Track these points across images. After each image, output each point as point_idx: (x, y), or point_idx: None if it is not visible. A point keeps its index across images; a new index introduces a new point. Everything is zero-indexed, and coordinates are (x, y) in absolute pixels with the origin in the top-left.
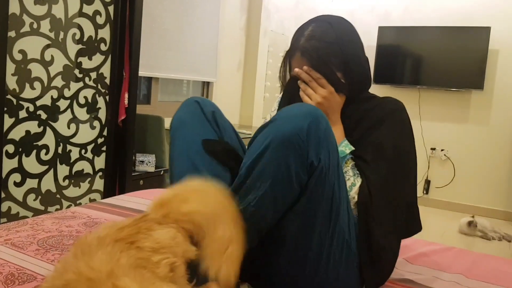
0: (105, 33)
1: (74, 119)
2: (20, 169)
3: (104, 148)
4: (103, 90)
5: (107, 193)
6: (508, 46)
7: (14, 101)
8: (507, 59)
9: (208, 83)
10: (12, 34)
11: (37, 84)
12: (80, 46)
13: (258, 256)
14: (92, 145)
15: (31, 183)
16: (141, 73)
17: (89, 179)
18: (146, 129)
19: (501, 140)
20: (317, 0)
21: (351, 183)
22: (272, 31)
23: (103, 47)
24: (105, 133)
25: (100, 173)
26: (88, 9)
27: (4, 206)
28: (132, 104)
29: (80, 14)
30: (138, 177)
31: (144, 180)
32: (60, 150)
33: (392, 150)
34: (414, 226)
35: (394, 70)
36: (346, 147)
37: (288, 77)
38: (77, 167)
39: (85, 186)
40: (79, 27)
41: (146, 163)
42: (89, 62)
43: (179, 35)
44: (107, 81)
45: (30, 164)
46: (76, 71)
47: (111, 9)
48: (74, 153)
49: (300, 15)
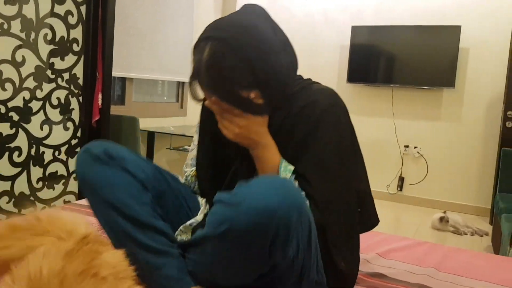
0: (78, 33)
1: (47, 121)
2: None
3: (78, 150)
4: (76, 91)
5: (82, 195)
6: (478, 44)
7: None
8: (478, 57)
9: (184, 83)
10: None
11: (9, 85)
12: (52, 47)
13: None
14: (66, 147)
15: (4, 186)
16: (115, 74)
17: (63, 181)
18: (121, 130)
19: (472, 137)
20: None
21: None
22: None
23: (76, 48)
24: (79, 134)
25: (74, 175)
26: (60, 9)
27: None
28: (106, 105)
29: (52, 14)
30: None
31: None
32: (33, 152)
33: (335, 161)
34: (372, 221)
35: (368, 69)
36: (286, 171)
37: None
38: (51, 169)
39: (59, 188)
40: (51, 27)
41: None
42: (62, 63)
43: (153, 35)
44: (80, 82)
45: (3, 166)
46: (49, 72)
47: (83, 9)
48: (48, 155)
49: (274, 14)
